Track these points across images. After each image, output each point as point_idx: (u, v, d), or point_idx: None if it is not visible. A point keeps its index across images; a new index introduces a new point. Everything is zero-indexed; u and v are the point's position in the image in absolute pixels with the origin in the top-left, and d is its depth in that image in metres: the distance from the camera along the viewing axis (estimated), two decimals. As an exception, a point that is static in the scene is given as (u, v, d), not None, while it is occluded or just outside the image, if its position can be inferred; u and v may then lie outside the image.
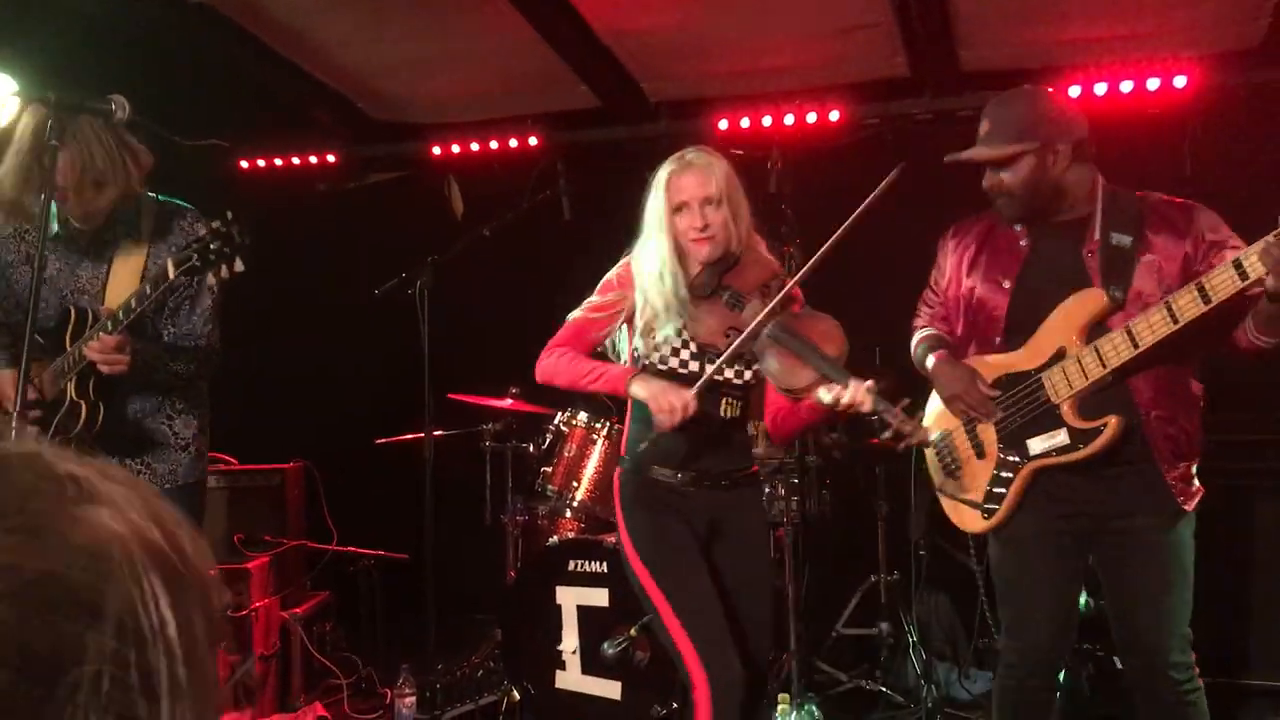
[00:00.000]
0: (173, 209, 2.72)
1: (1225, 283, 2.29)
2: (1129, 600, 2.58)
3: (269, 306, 4.75)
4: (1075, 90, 4.43)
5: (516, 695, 3.78)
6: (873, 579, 4.37)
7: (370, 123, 5.52)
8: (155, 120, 3.25)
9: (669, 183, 2.58)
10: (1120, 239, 2.51)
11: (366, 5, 4.29)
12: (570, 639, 3.71)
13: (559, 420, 4.12)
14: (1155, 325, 2.38)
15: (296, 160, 5.70)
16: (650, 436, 2.53)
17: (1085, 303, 2.52)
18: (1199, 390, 2.57)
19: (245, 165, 5.69)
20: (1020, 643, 2.68)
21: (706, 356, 2.58)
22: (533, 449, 4.26)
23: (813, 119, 4.84)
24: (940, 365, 2.75)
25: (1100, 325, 2.51)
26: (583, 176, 4.79)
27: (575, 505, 4.01)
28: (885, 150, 5.03)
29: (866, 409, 2.39)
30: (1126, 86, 4.43)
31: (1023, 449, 2.60)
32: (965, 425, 2.73)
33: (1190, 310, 2.34)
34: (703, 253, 2.57)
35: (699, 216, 2.54)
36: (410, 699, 3.81)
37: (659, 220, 2.59)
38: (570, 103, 5.16)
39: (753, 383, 2.66)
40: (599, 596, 3.66)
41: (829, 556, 4.70)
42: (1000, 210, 2.63)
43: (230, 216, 2.34)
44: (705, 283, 2.58)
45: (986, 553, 2.84)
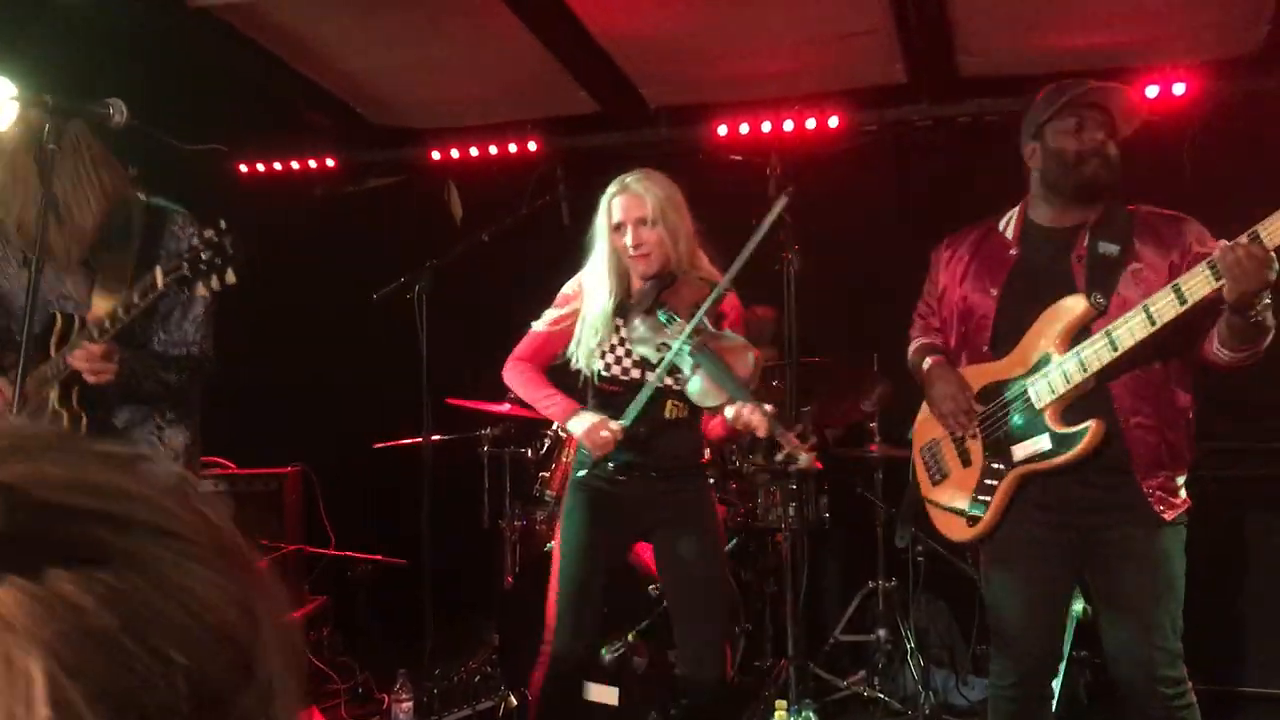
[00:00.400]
0: (164, 212, 2.58)
1: (1200, 283, 2.30)
2: (1115, 611, 2.55)
3: (267, 311, 4.73)
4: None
5: (514, 700, 3.77)
6: (871, 585, 4.36)
7: (369, 127, 5.52)
8: (154, 125, 3.24)
9: (609, 204, 2.87)
10: (1108, 248, 2.51)
11: (366, 10, 4.29)
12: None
13: (556, 425, 4.11)
14: (1134, 328, 2.38)
15: (295, 165, 5.69)
16: (590, 460, 2.85)
17: (1068, 309, 2.52)
18: (1187, 402, 2.55)
19: (244, 170, 5.69)
20: (1010, 653, 2.67)
21: (647, 366, 2.84)
22: (531, 454, 4.26)
23: (812, 125, 4.84)
24: (934, 370, 2.75)
25: (1084, 332, 2.50)
26: (582, 181, 4.77)
27: (573, 511, 4.00)
28: (884, 156, 5.03)
29: (762, 433, 2.59)
30: (1125, 93, 4.44)
31: (1007, 456, 2.59)
32: (952, 434, 2.73)
33: (1168, 312, 2.34)
34: (640, 267, 2.85)
35: (634, 235, 2.80)
36: (408, 704, 3.80)
37: (601, 237, 2.88)
38: (570, 108, 5.17)
39: None
40: (596, 602, 3.65)
41: (827, 563, 4.71)
42: (1088, 175, 2.53)
43: (224, 227, 2.28)
44: (644, 297, 2.82)
45: (983, 560, 2.84)
